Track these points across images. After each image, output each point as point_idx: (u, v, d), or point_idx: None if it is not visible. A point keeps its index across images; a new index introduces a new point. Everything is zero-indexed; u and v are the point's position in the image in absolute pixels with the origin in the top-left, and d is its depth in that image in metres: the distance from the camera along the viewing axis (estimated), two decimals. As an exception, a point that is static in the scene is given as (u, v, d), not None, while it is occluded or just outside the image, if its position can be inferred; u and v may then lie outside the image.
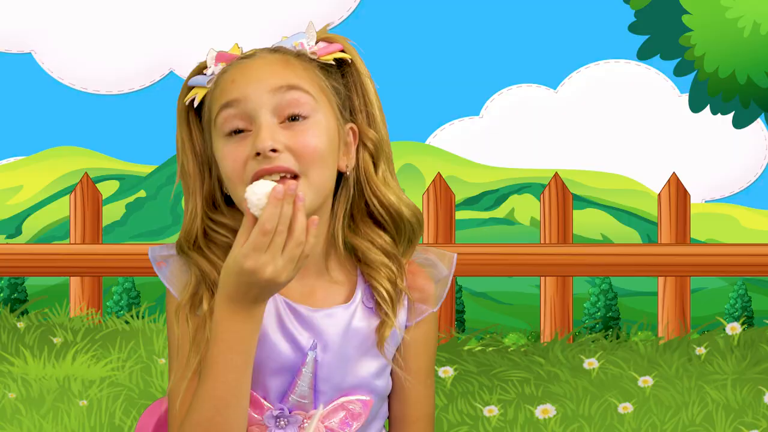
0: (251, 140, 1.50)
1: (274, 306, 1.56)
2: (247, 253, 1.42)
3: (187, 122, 1.59)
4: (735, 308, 4.57)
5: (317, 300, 1.58)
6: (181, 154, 1.58)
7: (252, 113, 1.51)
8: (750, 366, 3.83)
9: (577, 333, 4.36)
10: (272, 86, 1.51)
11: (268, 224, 1.41)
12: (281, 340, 1.55)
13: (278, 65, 1.53)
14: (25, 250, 4.31)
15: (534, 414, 3.46)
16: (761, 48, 4.54)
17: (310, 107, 1.53)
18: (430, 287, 1.64)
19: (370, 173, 1.58)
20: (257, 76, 1.52)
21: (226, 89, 1.52)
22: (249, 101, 1.51)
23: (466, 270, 4.22)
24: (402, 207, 1.58)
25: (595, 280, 4.51)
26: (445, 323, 4.28)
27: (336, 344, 1.57)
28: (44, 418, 3.51)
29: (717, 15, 4.53)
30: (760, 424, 3.47)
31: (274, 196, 1.41)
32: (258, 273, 1.42)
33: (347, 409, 1.59)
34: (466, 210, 4.77)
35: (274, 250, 1.42)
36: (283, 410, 1.56)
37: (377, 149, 1.58)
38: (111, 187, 4.75)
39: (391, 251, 1.59)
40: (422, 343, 1.63)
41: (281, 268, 1.43)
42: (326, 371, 1.57)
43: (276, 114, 1.51)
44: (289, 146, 1.50)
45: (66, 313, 4.40)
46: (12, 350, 3.98)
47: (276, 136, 1.49)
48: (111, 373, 3.83)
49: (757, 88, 4.61)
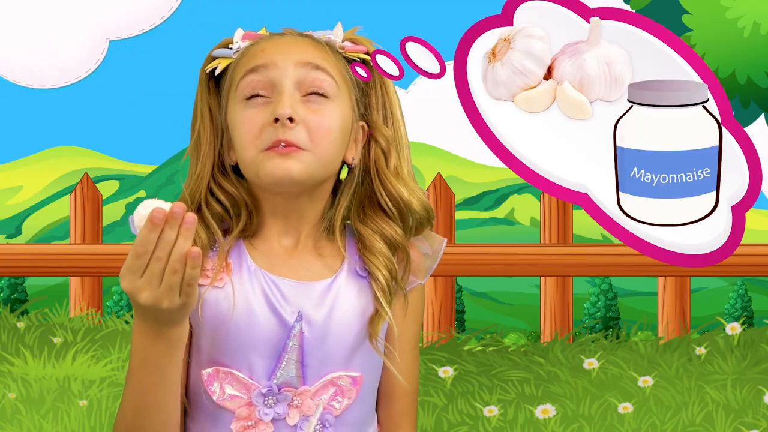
0: (271, 107, 1.52)
1: (258, 281, 1.56)
2: (123, 274, 1.40)
3: (208, 91, 1.61)
4: (735, 308, 4.56)
5: (303, 275, 1.59)
6: (199, 122, 1.60)
7: (276, 81, 1.54)
8: (750, 366, 3.83)
9: (577, 333, 4.36)
10: (300, 60, 1.54)
11: (140, 247, 1.38)
12: (266, 315, 1.56)
13: (309, 44, 1.57)
14: (25, 250, 4.32)
15: (534, 414, 3.46)
16: (761, 48, 4.55)
17: (332, 90, 1.56)
18: (420, 260, 1.65)
19: (380, 166, 1.61)
20: (287, 48, 1.55)
21: (255, 56, 1.55)
22: (275, 68, 1.54)
23: (466, 270, 4.22)
24: (412, 199, 1.60)
25: (595, 280, 4.51)
26: (445, 323, 4.28)
27: (321, 316, 1.57)
28: (44, 418, 3.50)
29: (717, 15, 4.53)
30: (760, 424, 3.47)
31: (150, 219, 1.37)
32: (134, 296, 1.40)
33: (337, 385, 1.59)
34: (466, 210, 4.76)
35: (151, 275, 1.38)
36: (272, 388, 1.56)
37: (389, 145, 1.61)
38: (111, 187, 4.75)
39: (400, 242, 1.61)
40: (410, 312, 1.65)
41: (160, 295, 1.39)
42: (312, 344, 1.57)
43: (299, 87, 1.54)
44: (306, 120, 1.53)
45: (66, 313, 4.39)
46: (12, 350, 3.98)
47: (296, 107, 1.52)
48: (111, 373, 3.83)
49: (757, 88, 4.61)
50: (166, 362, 1.46)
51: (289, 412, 1.57)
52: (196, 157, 1.60)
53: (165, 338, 1.44)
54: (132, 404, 1.49)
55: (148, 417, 1.49)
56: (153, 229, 1.37)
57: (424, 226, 1.64)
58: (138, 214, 1.40)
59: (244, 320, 1.55)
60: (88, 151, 4.73)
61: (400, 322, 1.63)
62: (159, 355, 1.46)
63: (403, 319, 1.64)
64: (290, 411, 1.57)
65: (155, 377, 1.47)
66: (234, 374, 1.56)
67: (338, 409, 1.59)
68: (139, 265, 1.38)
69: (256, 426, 1.56)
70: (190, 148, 1.62)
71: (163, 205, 1.39)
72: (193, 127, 1.62)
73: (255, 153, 1.53)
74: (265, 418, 1.56)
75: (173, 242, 1.37)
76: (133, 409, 1.49)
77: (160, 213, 1.36)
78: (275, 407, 1.56)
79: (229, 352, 1.56)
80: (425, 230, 1.65)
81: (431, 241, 1.67)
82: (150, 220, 1.37)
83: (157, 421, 1.49)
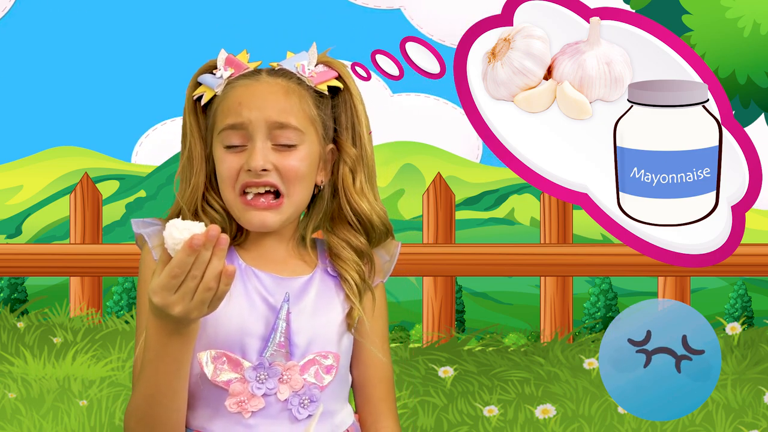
0: (246, 155, 1.75)
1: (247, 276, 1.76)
2: (155, 290, 1.55)
3: (195, 113, 1.82)
4: (735, 308, 4.56)
5: (286, 272, 1.79)
6: (190, 139, 1.81)
7: (251, 136, 1.76)
8: (750, 366, 3.83)
9: (577, 333, 4.36)
10: (270, 119, 1.76)
11: (177, 269, 1.52)
12: (256, 303, 1.75)
13: (280, 94, 1.78)
14: (25, 250, 4.31)
15: (534, 414, 3.46)
16: (761, 48, 4.55)
17: (298, 139, 1.77)
18: (379, 263, 1.87)
19: (347, 184, 1.82)
20: (260, 104, 1.76)
21: (233, 110, 1.77)
22: (250, 126, 1.75)
23: (466, 270, 4.22)
24: (373, 215, 1.82)
25: (595, 280, 4.51)
26: (445, 323, 4.28)
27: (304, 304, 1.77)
28: (44, 418, 3.51)
29: (717, 15, 4.53)
30: (760, 424, 3.47)
31: (189, 245, 1.51)
32: (166, 309, 1.55)
33: (319, 363, 1.76)
34: (466, 210, 4.76)
35: (185, 291, 1.54)
36: (263, 363, 1.72)
37: (356, 164, 1.82)
38: (111, 187, 4.75)
39: (365, 251, 1.83)
40: (377, 309, 1.85)
41: (192, 308, 1.55)
42: (298, 324, 1.75)
43: (270, 138, 1.76)
44: (277, 167, 1.75)
45: (66, 313, 4.39)
46: (12, 350, 3.98)
47: (267, 157, 1.75)
48: (111, 373, 3.83)
49: (757, 88, 4.61)
50: (182, 354, 1.61)
51: (279, 387, 1.73)
52: (189, 169, 1.80)
53: (181, 334, 1.59)
54: (146, 393, 1.64)
55: (162, 404, 1.64)
56: (191, 254, 1.51)
57: (385, 238, 1.85)
58: (172, 237, 1.52)
59: (238, 312, 1.73)
60: (88, 151, 4.73)
61: (370, 316, 1.83)
62: (176, 348, 1.60)
63: (372, 314, 1.84)
64: (280, 386, 1.73)
65: (172, 368, 1.62)
66: (228, 355, 1.72)
67: (324, 384, 1.76)
68: (174, 284, 1.53)
69: (248, 401, 1.72)
70: (183, 161, 1.81)
71: (197, 230, 1.53)
72: (184, 144, 1.82)
73: (234, 196, 1.76)
74: (257, 392, 1.72)
75: (207, 262, 1.52)
76: (147, 398, 1.64)
77: (199, 240, 1.50)
78: (266, 382, 1.73)
79: (224, 337, 1.73)
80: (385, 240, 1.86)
81: (388, 248, 1.88)
82: (189, 246, 1.51)
83: (171, 408, 1.65)
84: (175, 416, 1.66)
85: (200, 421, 1.74)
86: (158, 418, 1.65)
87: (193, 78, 1.84)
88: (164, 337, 1.59)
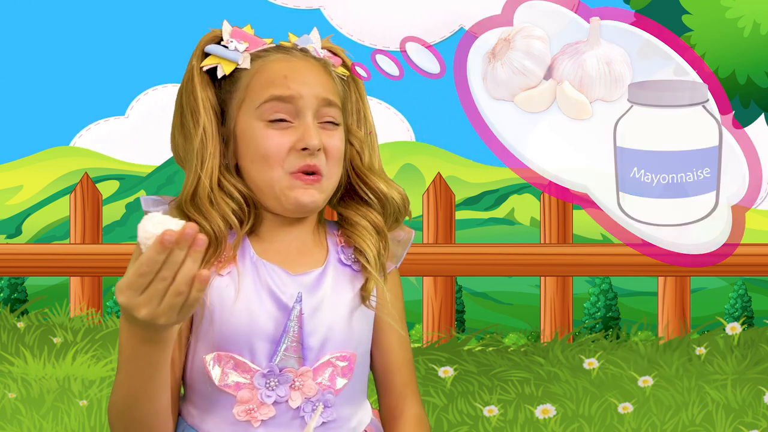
0: (297, 133, 1.64)
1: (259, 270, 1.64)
2: (121, 288, 1.38)
3: (205, 85, 1.67)
4: (735, 308, 4.56)
5: (298, 266, 1.67)
6: (203, 116, 1.65)
7: (301, 112, 1.66)
8: (750, 366, 3.83)
9: (577, 333, 4.36)
10: (320, 95, 1.67)
11: (145, 267, 1.36)
12: (267, 302, 1.62)
13: (322, 75, 1.70)
14: (25, 250, 4.32)
15: (534, 414, 3.46)
16: (761, 48, 4.55)
17: (340, 118, 1.71)
18: (392, 247, 1.78)
19: (356, 164, 1.74)
20: (308, 80, 1.68)
21: (277, 83, 1.66)
22: (301, 101, 1.65)
23: (466, 270, 4.22)
24: (392, 191, 1.73)
25: (595, 280, 4.51)
26: (445, 323, 4.28)
27: (317, 301, 1.65)
28: (44, 418, 3.50)
29: (717, 15, 4.53)
30: (760, 424, 3.47)
31: (160, 240, 1.33)
32: (131, 311, 1.38)
33: (334, 365, 1.65)
34: (466, 210, 4.76)
35: (152, 294, 1.36)
36: (273, 369, 1.60)
37: (362, 145, 1.75)
38: (111, 187, 4.75)
39: (380, 227, 1.73)
40: (391, 293, 1.74)
41: (159, 313, 1.38)
42: (311, 326, 1.63)
43: (316, 116, 1.67)
44: (325, 146, 1.66)
45: (66, 313, 4.39)
46: (12, 350, 3.98)
47: (320, 137, 1.65)
48: (111, 373, 3.83)
49: (757, 88, 4.61)
50: (155, 360, 1.47)
51: (290, 394, 1.61)
52: (202, 151, 1.64)
53: (153, 341, 1.44)
54: (122, 395, 1.52)
55: (139, 406, 1.51)
56: (162, 251, 1.34)
57: (402, 213, 1.76)
58: (145, 230, 1.36)
59: (246, 307, 1.60)
60: (88, 151, 4.73)
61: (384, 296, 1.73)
62: (148, 354, 1.46)
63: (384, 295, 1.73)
64: (292, 393, 1.61)
65: (146, 372, 1.48)
66: (235, 358, 1.60)
67: (338, 388, 1.64)
68: (141, 283, 1.36)
69: (258, 409, 1.60)
70: (196, 142, 1.64)
71: (173, 226, 1.35)
72: (197, 122, 1.65)
73: (281, 173, 1.64)
74: (267, 400, 1.60)
75: (180, 263, 1.35)
76: (123, 399, 1.52)
77: (171, 236, 1.33)
78: (277, 389, 1.60)
79: (231, 337, 1.60)
80: (402, 220, 1.78)
81: (402, 230, 1.80)
82: (160, 243, 1.34)
83: (148, 409, 1.52)
84: (153, 419, 1.53)
85: (208, 426, 1.62)
86: (136, 417, 1.52)
87: (197, 48, 1.70)
88: (136, 341, 1.44)
